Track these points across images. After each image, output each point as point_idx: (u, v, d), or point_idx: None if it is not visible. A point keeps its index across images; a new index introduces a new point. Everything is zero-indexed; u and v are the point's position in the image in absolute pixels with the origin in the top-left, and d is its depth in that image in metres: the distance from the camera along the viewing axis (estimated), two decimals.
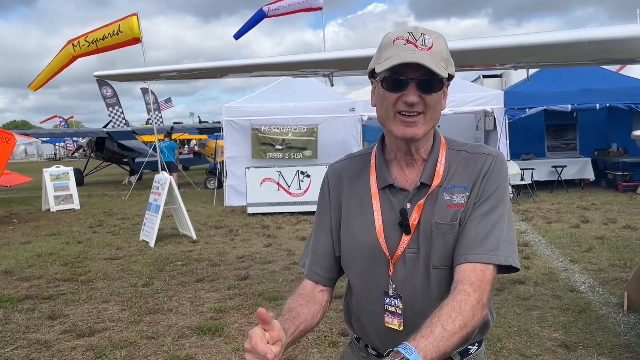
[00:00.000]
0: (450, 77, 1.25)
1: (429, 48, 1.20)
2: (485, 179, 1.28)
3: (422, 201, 1.28)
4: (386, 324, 1.33)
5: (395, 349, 1.07)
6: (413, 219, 1.28)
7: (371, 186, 1.35)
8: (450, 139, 1.39)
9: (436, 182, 1.29)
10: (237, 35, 15.84)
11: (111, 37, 8.32)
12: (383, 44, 1.25)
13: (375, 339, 1.39)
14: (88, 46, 8.44)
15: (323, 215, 1.45)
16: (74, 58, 8.71)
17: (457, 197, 1.28)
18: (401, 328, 1.31)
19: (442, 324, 1.10)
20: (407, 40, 1.20)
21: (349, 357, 1.50)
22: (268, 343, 1.10)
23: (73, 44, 8.60)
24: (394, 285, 1.30)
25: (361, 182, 1.38)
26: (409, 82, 1.20)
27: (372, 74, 1.29)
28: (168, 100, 32.59)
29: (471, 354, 1.35)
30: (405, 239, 1.29)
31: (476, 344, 1.36)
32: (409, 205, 1.30)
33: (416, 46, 1.19)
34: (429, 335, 1.08)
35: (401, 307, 1.30)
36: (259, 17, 14.91)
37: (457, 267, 1.23)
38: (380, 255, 1.31)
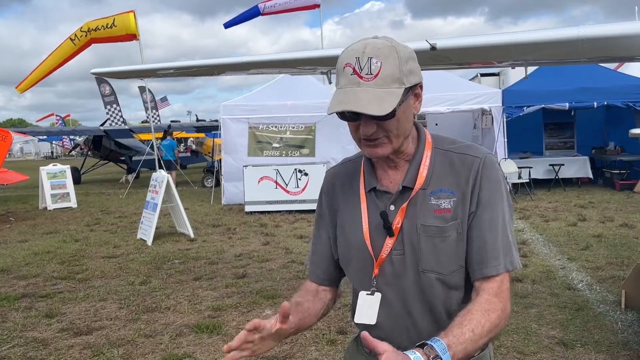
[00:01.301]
0: (415, 86, 1.24)
1: (375, 76, 1.17)
2: (476, 185, 1.27)
3: (405, 204, 1.28)
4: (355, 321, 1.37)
5: (429, 344, 1.08)
6: (396, 222, 1.29)
7: (360, 190, 1.37)
8: (439, 137, 1.37)
9: (419, 184, 1.28)
10: (227, 25, 15.71)
11: (104, 29, 8.31)
12: (338, 66, 1.23)
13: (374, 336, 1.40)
14: (86, 36, 8.43)
15: (320, 220, 1.49)
16: (75, 53, 8.69)
17: (444, 202, 1.27)
18: (374, 322, 1.33)
19: (472, 328, 1.14)
20: (354, 70, 1.18)
21: (354, 352, 1.51)
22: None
23: (71, 39, 8.58)
24: (375, 286, 1.33)
25: (353, 185, 1.40)
26: (361, 114, 1.19)
27: None
28: (164, 99, 32.54)
29: (474, 356, 1.34)
30: (389, 241, 1.29)
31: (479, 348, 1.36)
32: (392, 208, 1.30)
33: (361, 77, 1.17)
34: (460, 336, 1.12)
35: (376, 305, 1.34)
36: (253, 13, 14.81)
37: (476, 282, 1.26)
38: (367, 257, 1.33)
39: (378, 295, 1.33)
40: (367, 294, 1.34)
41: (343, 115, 1.22)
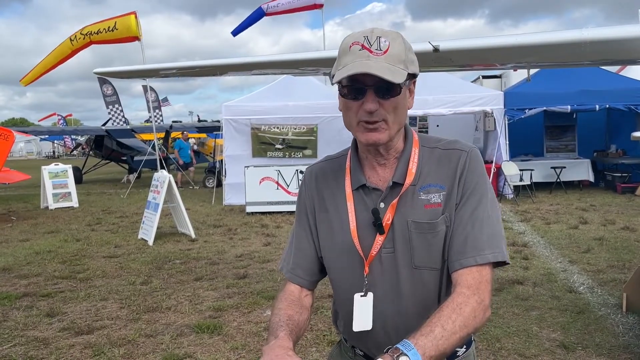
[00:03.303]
0: (413, 75, 1.24)
1: (384, 52, 1.18)
2: (463, 177, 1.27)
3: (395, 201, 1.27)
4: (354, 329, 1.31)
5: (394, 345, 1.07)
6: (387, 218, 1.27)
7: (346, 187, 1.35)
8: (424, 136, 1.37)
9: (409, 180, 1.28)
10: (235, 32, 15.79)
11: (105, 32, 8.37)
12: (341, 50, 1.24)
13: (357, 340, 1.39)
14: (84, 39, 8.49)
15: (302, 218, 1.44)
16: (73, 53, 8.75)
17: (434, 197, 1.27)
18: (369, 327, 1.30)
19: (441, 323, 1.10)
20: (362, 46, 1.19)
21: (337, 357, 1.49)
22: None
23: (71, 39, 8.65)
24: (367, 285, 1.30)
25: (337, 183, 1.38)
26: (366, 90, 1.19)
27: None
28: (164, 100, 32.63)
29: (459, 356, 1.34)
30: (380, 238, 1.28)
31: (464, 346, 1.35)
32: (382, 205, 1.29)
33: (371, 52, 1.18)
34: (429, 334, 1.08)
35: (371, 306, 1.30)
36: (257, 16, 14.83)
37: (454, 273, 1.23)
38: (355, 256, 1.31)
39: (370, 295, 1.30)
40: (361, 296, 1.31)
41: (347, 90, 1.22)
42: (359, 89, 1.20)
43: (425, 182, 1.28)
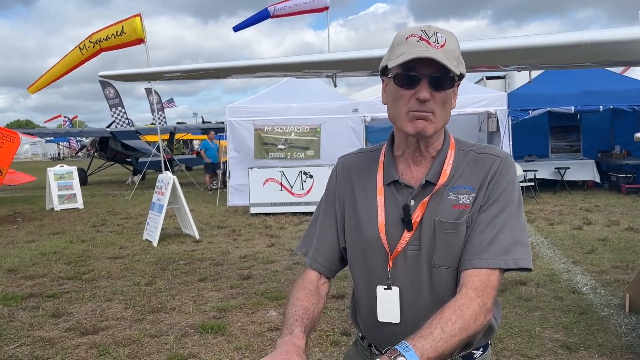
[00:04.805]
0: (461, 76, 1.26)
1: (442, 46, 1.21)
2: (492, 182, 1.28)
3: (426, 199, 1.28)
4: (379, 319, 1.33)
5: (393, 347, 1.09)
6: (416, 216, 1.28)
7: (377, 181, 1.36)
8: (460, 140, 1.38)
9: (442, 181, 1.29)
10: (237, 28, 15.84)
11: (114, 37, 8.40)
12: (395, 42, 1.26)
13: (378, 336, 1.39)
14: (93, 46, 8.53)
15: (328, 206, 1.46)
16: (83, 61, 8.79)
17: (463, 198, 1.28)
18: (398, 320, 1.31)
19: (441, 325, 1.11)
20: (420, 38, 1.21)
21: (353, 356, 1.50)
22: None
23: (79, 47, 8.69)
24: (390, 280, 1.31)
25: (369, 177, 1.39)
26: (421, 79, 1.21)
27: (384, 72, 1.30)
28: (170, 101, 32.82)
29: (475, 358, 1.35)
30: (407, 235, 1.29)
31: (481, 349, 1.36)
32: (412, 202, 1.30)
33: (429, 43, 1.20)
34: (428, 336, 1.09)
35: (397, 299, 1.31)
36: (262, 16, 14.87)
37: (463, 272, 1.24)
38: (380, 250, 1.32)
39: (396, 289, 1.31)
40: (384, 289, 1.32)
41: (400, 78, 1.23)
42: (414, 77, 1.21)
43: (456, 183, 1.30)
